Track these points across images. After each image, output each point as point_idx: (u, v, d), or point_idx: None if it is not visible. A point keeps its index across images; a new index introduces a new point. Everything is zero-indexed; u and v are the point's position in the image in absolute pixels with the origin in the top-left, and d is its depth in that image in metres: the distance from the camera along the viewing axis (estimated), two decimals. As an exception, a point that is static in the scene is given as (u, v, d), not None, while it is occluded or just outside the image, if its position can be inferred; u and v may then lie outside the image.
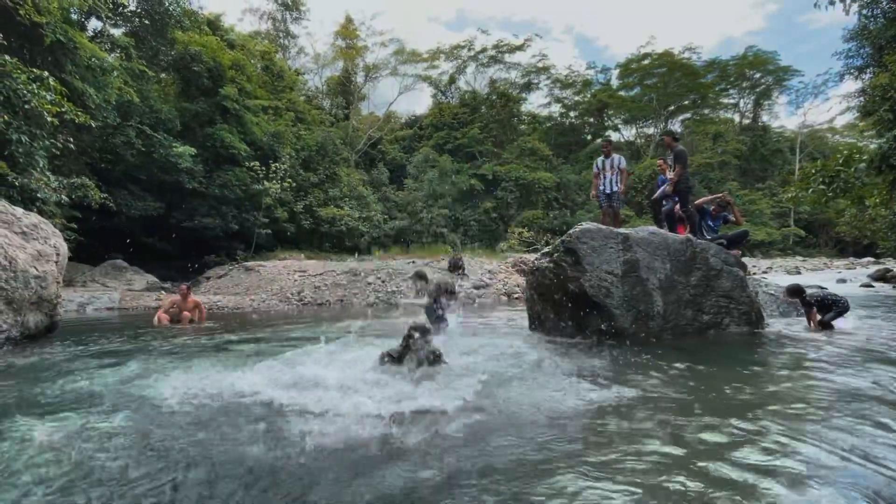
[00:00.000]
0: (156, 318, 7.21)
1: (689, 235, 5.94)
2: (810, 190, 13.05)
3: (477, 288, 12.37)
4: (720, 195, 6.60)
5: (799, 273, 19.78)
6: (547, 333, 5.95)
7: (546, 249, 6.14)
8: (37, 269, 5.49)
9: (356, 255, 23.31)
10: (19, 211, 6.00)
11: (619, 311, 5.35)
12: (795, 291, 6.12)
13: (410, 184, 34.67)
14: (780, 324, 6.43)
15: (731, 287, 5.69)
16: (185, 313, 7.17)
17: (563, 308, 5.97)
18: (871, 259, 27.12)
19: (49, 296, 5.74)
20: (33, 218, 6.00)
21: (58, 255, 6.00)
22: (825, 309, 5.95)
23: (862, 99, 13.52)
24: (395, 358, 3.67)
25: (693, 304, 5.62)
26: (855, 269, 22.29)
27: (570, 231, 5.70)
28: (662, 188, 6.46)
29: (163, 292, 13.45)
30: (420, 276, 4.48)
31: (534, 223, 31.65)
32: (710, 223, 6.43)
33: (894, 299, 10.72)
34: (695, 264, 5.70)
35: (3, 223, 5.41)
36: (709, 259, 5.76)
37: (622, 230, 5.75)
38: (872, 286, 14.42)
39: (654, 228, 5.93)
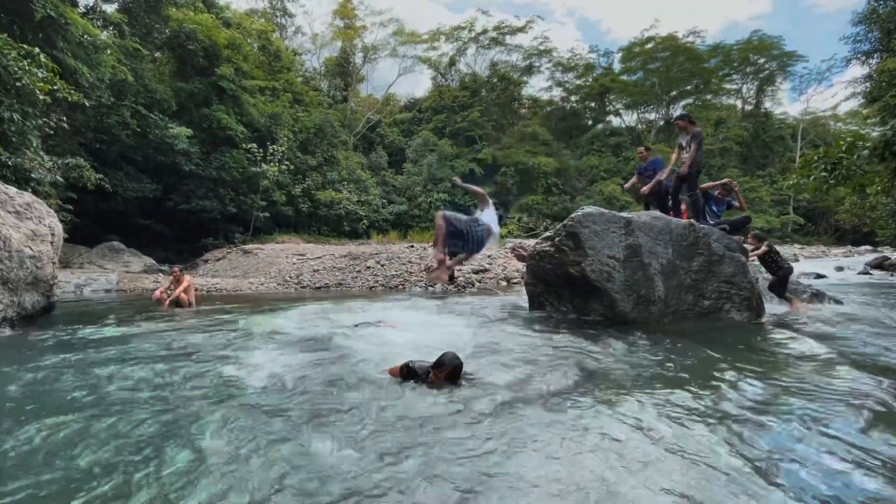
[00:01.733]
0: (156, 293, 7.41)
1: (692, 220, 5.88)
2: (812, 177, 12.95)
3: (476, 273, 12.34)
4: (725, 180, 6.52)
5: (797, 260, 19.80)
6: (547, 317, 5.94)
7: (547, 234, 6.09)
8: (31, 250, 5.41)
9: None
10: (12, 190, 5.90)
11: (620, 295, 5.33)
12: (761, 238, 6.60)
13: (409, 168, 34.34)
14: (780, 310, 6.43)
15: (733, 273, 5.66)
16: (183, 295, 7.18)
17: (563, 292, 5.96)
18: (869, 247, 27.16)
19: (45, 276, 5.67)
20: (27, 197, 5.89)
21: (53, 235, 5.91)
22: (776, 267, 6.38)
23: (868, 85, 13.31)
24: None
25: (694, 290, 5.59)
26: (853, 256, 22.34)
27: (572, 214, 5.64)
28: (676, 172, 6.31)
29: (160, 275, 13.40)
30: None
31: (533, 208, 31.50)
32: (714, 208, 6.36)
33: (892, 286, 10.75)
34: (697, 249, 5.66)
35: (-4, 202, 5.32)
36: (711, 244, 5.72)
37: (624, 214, 5.69)
38: (870, 274, 14.46)
39: (657, 213, 5.87)
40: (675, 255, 5.57)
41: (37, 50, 10.89)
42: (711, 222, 6.22)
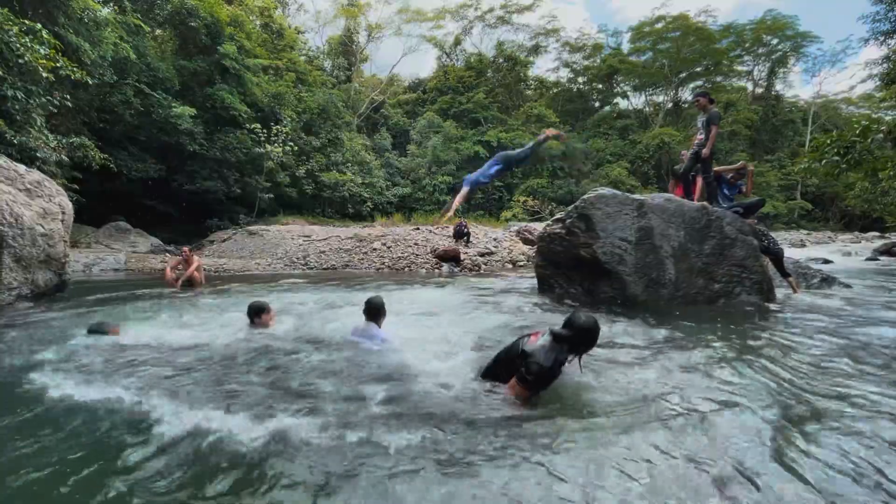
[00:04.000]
0: (167, 273, 7.44)
1: (705, 203, 5.82)
2: (823, 161, 12.77)
3: (482, 255, 12.34)
4: (741, 164, 6.41)
5: (804, 246, 19.71)
6: (556, 300, 5.94)
7: (558, 215, 6.05)
8: (43, 227, 5.43)
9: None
10: (21, 167, 5.87)
11: (631, 278, 5.31)
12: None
13: (414, 150, 34.05)
14: (788, 294, 6.41)
15: (745, 256, 5.62)
16: (196, 274, 7.23)
17: (573, 274, 5.95)
18: (877, 234, 26.98)
19: (57, 254, 5.70)
20: (36, 175, 5.88)
21: (63, 213, 5.92)
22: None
23: (886, 66, 12.98)
24: None
25: (705, 273, 5.57)
26: (860, 243, 22.21)
27: (585, 196, 5.59)
28: (690, 155, 6.22)
29: (167, 255, 13.46)
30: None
31: (538, 192, 31.30)
32: (727, 191, 6.29)
33: (901, 273, 10.69)
34: (709, 232, 5.62)
35: (6, 179, 5.31)
36: (723, 227, 5.67)
37: (637, 196, 5.64)
38: (878, 260, 14.39)
39: (668, 195, 5.81)
40: (687, 238, 5.53)
41: (39, 26, 10.71)
42: (724, 205, 6.16)
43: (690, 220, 5.57)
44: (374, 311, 3.61)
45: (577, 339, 2.37)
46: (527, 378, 2.33)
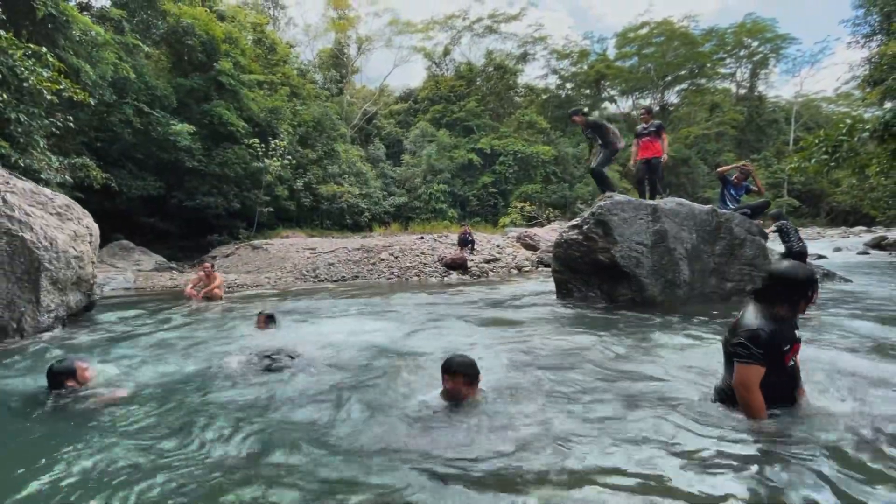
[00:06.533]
0: (187, 290, 7.55)
1: (714, 207, 6.10)
2: (812, 160, 13.23)
3: (488, 262, 12.54)
4: (742, 163, 6.69)
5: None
6: (575, 303, 6.16)
7: (574, 222, 6.29)
8: (75, 250, 5.53)
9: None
10: (48, 191, 5.97)
11: (649, 280, 5.56)
12: (777, 216, 6.85)
13: (408, 159, 34.31)
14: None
15: (754, 255, 5.90)
16: (217, 290, 7.33)
17: (591, 278, 6.17)
18: (864, 228, 27.71)
19: (86, 275, 5.79)
20: (64, 198, 5.99)
21: (91, 235, 6.03)
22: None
23: (867, 67, 13.54)
24: None
25: (717, 273, 5.84)
26: (848, 238, 22.81)
27: (601, 203, 5.83)
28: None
29: (174, 272, 13.48)
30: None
31: (532, 197, 31.68)
32: (733, 192, 6.55)
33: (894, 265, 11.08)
34: (720, 234, 5.89)
35: (38, 204, 5.41)
36: (733, 228, 5.95)
37: (650, 202, 5.89)
38: (868, 253, 14.85)
39: (680, 199, 6.07)
40: (699, 239, 5.80)
41: (44, 49, 10.80)
42: (732, 206, 6.44)
43: (702, 223, 5.84)
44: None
45: (783, 288, 1.97)
46: (740, 353, 1.95)
